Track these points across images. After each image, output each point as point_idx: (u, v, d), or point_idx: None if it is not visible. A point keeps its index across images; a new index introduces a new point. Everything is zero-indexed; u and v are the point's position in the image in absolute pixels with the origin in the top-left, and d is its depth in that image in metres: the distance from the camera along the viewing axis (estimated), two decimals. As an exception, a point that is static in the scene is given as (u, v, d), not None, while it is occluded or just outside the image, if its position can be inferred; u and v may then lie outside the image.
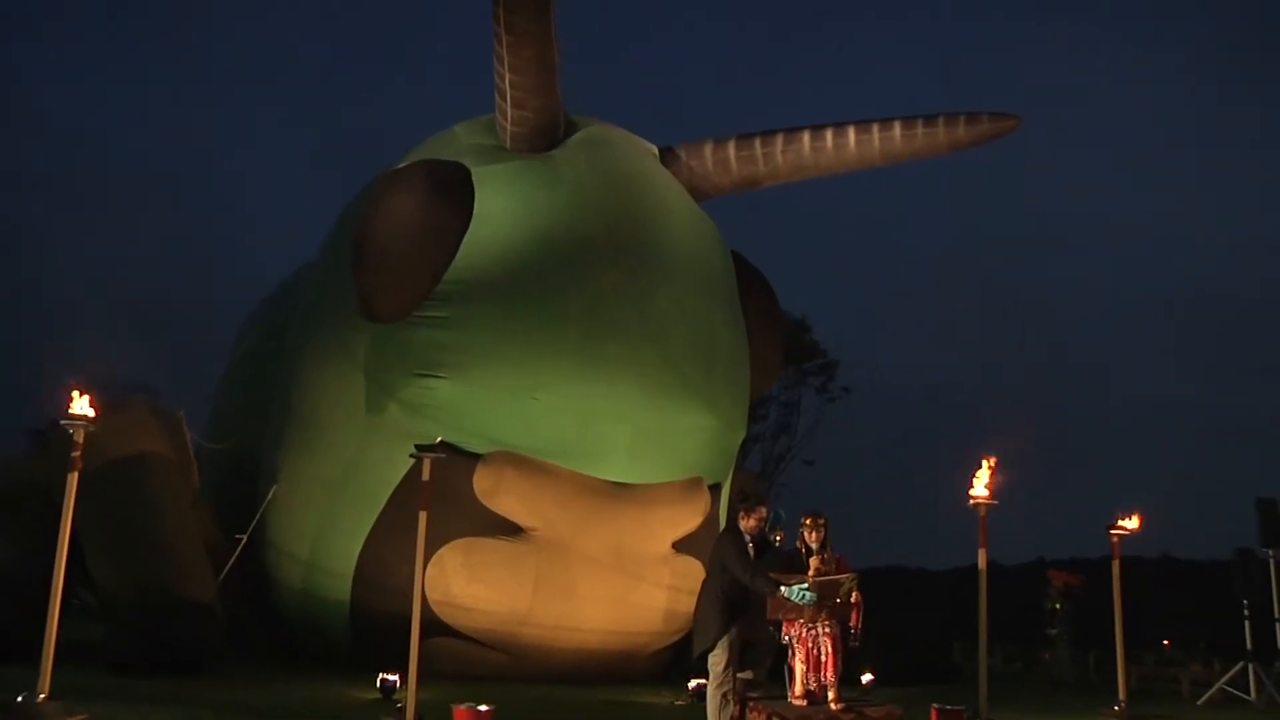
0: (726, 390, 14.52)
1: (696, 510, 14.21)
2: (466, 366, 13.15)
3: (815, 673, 7.94)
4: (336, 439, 14.02)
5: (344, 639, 14.04)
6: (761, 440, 32.21)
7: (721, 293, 14.97)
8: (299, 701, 10.46)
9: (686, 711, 11.14)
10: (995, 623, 11.25)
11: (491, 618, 13.38)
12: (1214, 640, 21.23)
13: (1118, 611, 12.59)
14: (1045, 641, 18.50)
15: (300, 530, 14.27)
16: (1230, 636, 16.47)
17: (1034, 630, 19.27)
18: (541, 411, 13.14)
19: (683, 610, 13.01)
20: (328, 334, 14.42)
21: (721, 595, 8.12)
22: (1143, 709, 12.32)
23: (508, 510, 13.29)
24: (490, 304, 13.27)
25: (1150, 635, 23.65)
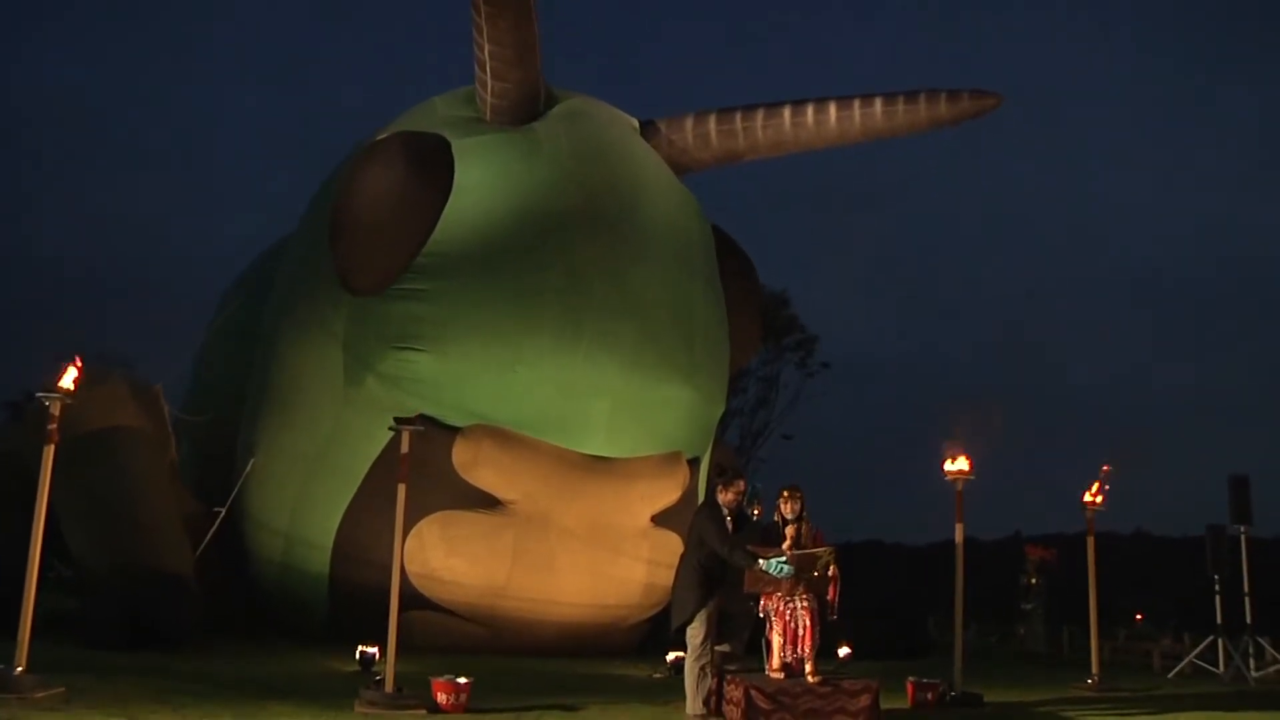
0: (706, 364, 14.56)
1: (675, 484, 14.27)
2: (445, 340, 13.15)
3: (792, 646, 8.00)
4: (315, 412, 14.01)
5: (322, 612, 14.07)
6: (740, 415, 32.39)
7: (701, 267, 14.99)
8: (277, 674, 10.49)
9: (664, 684, 11.21)
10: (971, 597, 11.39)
11: (470, 591, 13.43)
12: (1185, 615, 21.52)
13: (1092, 586, 12.74)
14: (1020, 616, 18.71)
15: (279, 503, 14.26)
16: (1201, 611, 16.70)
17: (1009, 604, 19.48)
18: (520, 385, 13.15)
19: (661, 583, 13.08)
20: (306, 307, 14.37)
21: (699, 568, 8.17)
22: (1115, 682, 12.45)
23: (486, 483, 13.32)
24: (469, 277, 13.26)
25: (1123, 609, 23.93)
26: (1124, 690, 11.89)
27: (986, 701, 9.97)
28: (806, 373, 33.43)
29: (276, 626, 14.47)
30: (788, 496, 8.30)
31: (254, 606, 15.12)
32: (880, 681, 8.24)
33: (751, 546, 8.08)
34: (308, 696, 8.92)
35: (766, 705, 7.72)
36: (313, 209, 15.39)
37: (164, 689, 8.68)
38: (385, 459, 12.88)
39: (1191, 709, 10.07)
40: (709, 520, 8.24)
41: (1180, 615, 23.10)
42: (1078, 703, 10.52)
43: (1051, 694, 11.25)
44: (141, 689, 8.60)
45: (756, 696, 7.73)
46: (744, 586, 8.09)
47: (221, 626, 13.43)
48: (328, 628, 13.79)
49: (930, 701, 9.68)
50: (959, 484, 10.52)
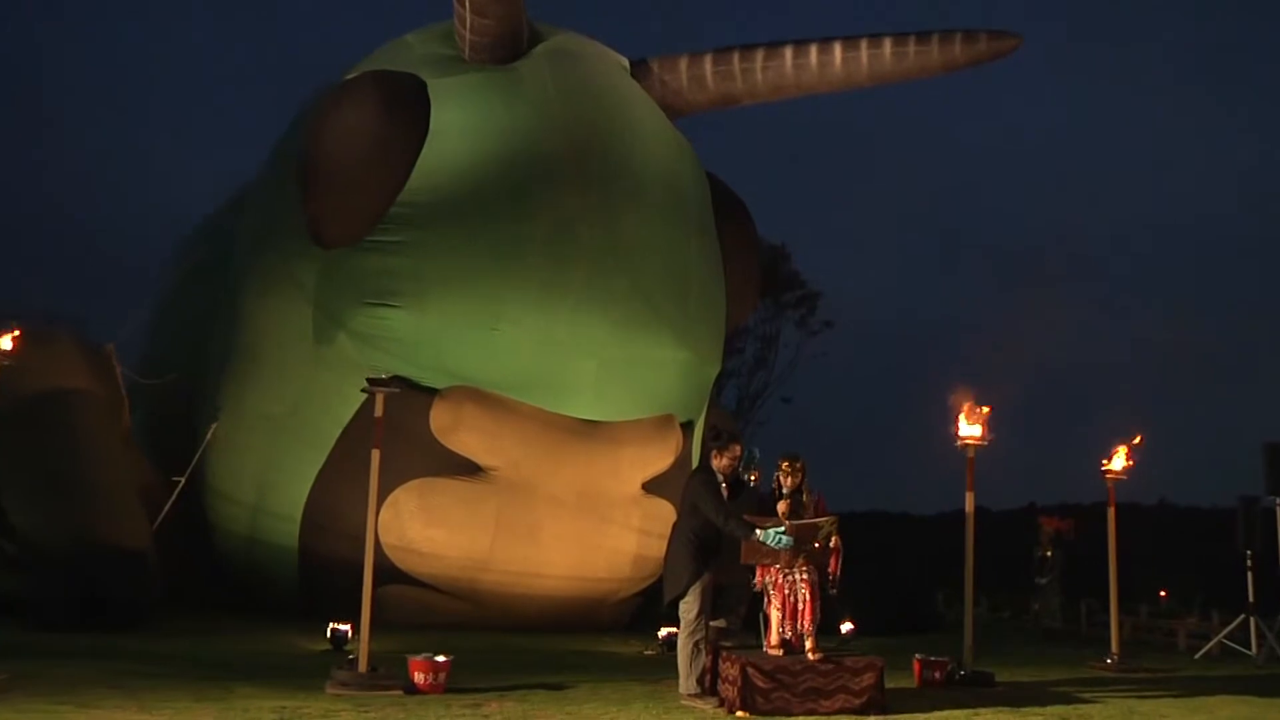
0: (700, 322, 14.59)
1: (667, 449, 14.35)
2: (422, 295, 13.15)
3: (792, 621, 8.06)
4: (282, 373, 14.02)
5: (292, 587, 14.15)
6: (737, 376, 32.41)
7: (696, 218, 14.98)
8: (242, 654, 10.52)
9: (656, 661, 11.31)
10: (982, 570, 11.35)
11: (449, 563, 13.52)
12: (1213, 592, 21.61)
13: (1112, 559, 12.72)
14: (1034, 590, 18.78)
15: (243, 472, 14.30)
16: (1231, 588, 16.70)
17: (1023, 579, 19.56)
18: (503, 343, 13.18)
19: (652, 555, 13.18)
20: (272, 260, 14.35)
21: (693, 539, 8.21)
22: (1136, 662, 12.40)
23: (466, 449, 13.38)
24: (448, 228, 13.24)
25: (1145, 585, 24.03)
26: (1146, 671, 11.88)
27: (998, 681, 10.01)
28: (808, 331, 33.42)
29: (242, 603, 14.52)
30: (787, 469, 8.32)
31: (217, 582, 15.19)
32: (885, 659, 8.31)
33: (748, 515, 8.12)
34: (275, 677, 8.96)
35: (764, 684, 7.78)
36: (277, 154, 15.31)
37: (118, 672, 8.69)
38: (358, 423, 12.93)
39: (1221, 692, 10.02)
40: (703, 487, 8.28)
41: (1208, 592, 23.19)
42: (1096, 683, 10.52)
43: (1068, 673, 11.29)
44: (93, 673, 8.58)
45: (754, 675, 7.79)
46: (740, 558, 8.13)
47: (181, 604, 13.48)
48: (297, 604, 13.86)
49: (938, 680, 9.74)
50: (970, 450, 10.45)
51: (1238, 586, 15.43)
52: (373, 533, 9.01)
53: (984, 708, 8.35)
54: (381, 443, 9.04)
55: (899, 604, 16.51)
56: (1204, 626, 17.24)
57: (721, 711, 7.90)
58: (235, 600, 14.68)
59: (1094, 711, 8.48)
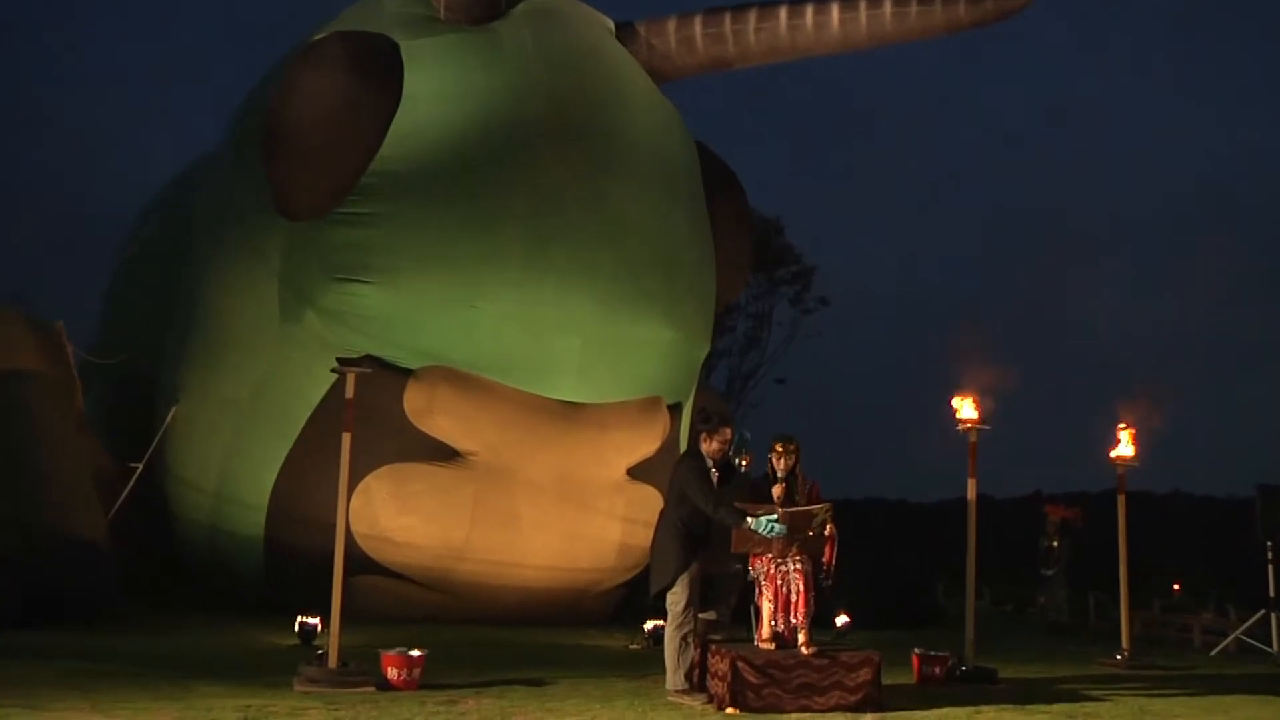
0: (689, 299, 14.61)
1: (654, 432, 14.40)
2: (395, 270, 13.14)
3: (784, 613, 8.08)
4: (247, 353, 14.00)
5: (257, 579, 14.16)
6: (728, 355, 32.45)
7: (684, 189, 14.98)
8: (205, 650, 10.51)
9: (642, 656, 11.35)
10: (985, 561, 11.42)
11: (424, 553, 13.55)
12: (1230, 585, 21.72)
13: (1122, 550, 12.76)
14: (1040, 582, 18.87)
15: (206, 457, 14.29)
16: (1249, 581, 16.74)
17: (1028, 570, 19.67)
18: (480, 322, 13.18)
19: (638, 544, 13.22)
20: (235, 233, 14.31)
21: (681, 527, 8.24)
22: (1148, 659, 12.48)
23: (442, 432, 13.40)
24: (422, 199, 13.22)
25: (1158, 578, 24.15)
26: (1158, 668, 11.92)
27: (1001, 678, 10.05)
28: (802, 309, 33.44)
29: (204, 597, 14.54)
30: (781, 451, 8.36)
31: (178, 575, 15.20)
32: (882, 654, 8.33)
33: (739, 502, 8.14)
34: (240, 675, 8.95)
35: (755, 679, 7.80)
36: (239, 121, 15.25)
37: (72, 672, 8.65)
38: (327, 405, 12.94)
39: (1238, 691, 9.99)
40: (691, 473, 8.30)
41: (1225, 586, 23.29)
42: (1105, 680, 10.54)
43: (1075, 670, 11.33)
44: (45, 673, 8.53)
45: (744, 669, 7.81)
46: (731, 547, 8.16)
47: (140, 598, 13.47)
48: (263, 596, 13.86)
49: (938, 676, 9.78)
50: (972, 434, 10.49)
51: (1256, 579, 15.44)
52: (343, 521, 9.00)
53: (986, 705, 8.36)
54: (353, 426, 9.03)
55: (897, 596, 16.60)
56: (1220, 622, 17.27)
57: (710, 708, 7.91)
58: (197, 593, 14.69)
59: (1103, 710, 8.49)
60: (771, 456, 8.41)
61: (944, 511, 35.68)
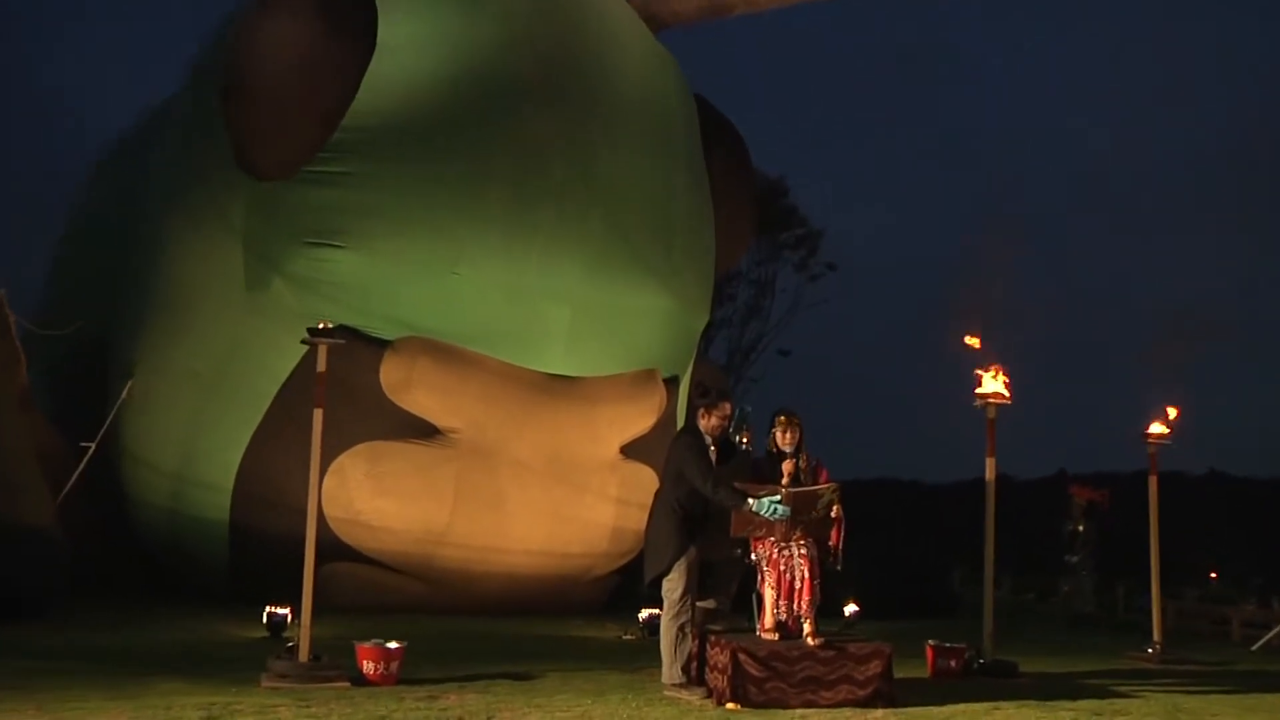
0: (686, 265, 14.63)
1: (649, 408, 14.45)
2: (370, 234, 13.15)
3: (788, 602, 8.10)
4: (209, 323, 13.99)
5: (221, 567, 14.20)
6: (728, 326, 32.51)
7: (682, 146, 14.97)
8: (165, 644, 10.50)
9: (636, 647, 11.41)
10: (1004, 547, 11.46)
11: (402, 537, 13.61)
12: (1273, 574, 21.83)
13: (1153, 536, 12.71)
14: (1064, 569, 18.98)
15: (165, 436, 14.30)
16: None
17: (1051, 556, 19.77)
18: (462, 289, 13.21)
19: (631, 527, 13.29)
20: (195, 194, 14.28)
21: (678, 509, 8.27)
22: (1182, 653, 12.40)
23: (422, 408, 13.44)
24: (398, 157, 13.21)
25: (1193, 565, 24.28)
26: (1194, 663, 11.87)
27: (1022, 671, 10.07)
28: (808, 276, 33.50)
29: (164, 586, 14.58)
30: (784, 424, 8.39)
31: (134, 563, 15.21)
32: (893, 646, 8.34)
33: (739, 482, 8.18)
34: (203, 670, 8.96)
35: (758, 672, 7.82)
36: (198, 70, 15.20)
37: (20, 670, 8.60)
38: (297, 379, 12.95)
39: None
40: (689, 451, 8.33)
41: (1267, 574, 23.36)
42: (1134, 676, 10.53)
43: (1102, 664, 11.33)
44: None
45: (746, 662, 7.83)
46: (731, 530, 8.19)
47: (94, 589, 13.50)
48: (228, 586, 13.94)
49: (954, 670, 9.81)
50: (991, 410, 10.48)
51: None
52: (315, 504, 9.03)
53: (1006, 701, 8.35)
54: (324, 401, 9.06)
55: (910, 583, 16.69)
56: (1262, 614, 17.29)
57: (709, 703, 7.94)
58: (156, 582, 14.72)
59: (1132, 708, 8.45)
60: (774, 431, 8.43)
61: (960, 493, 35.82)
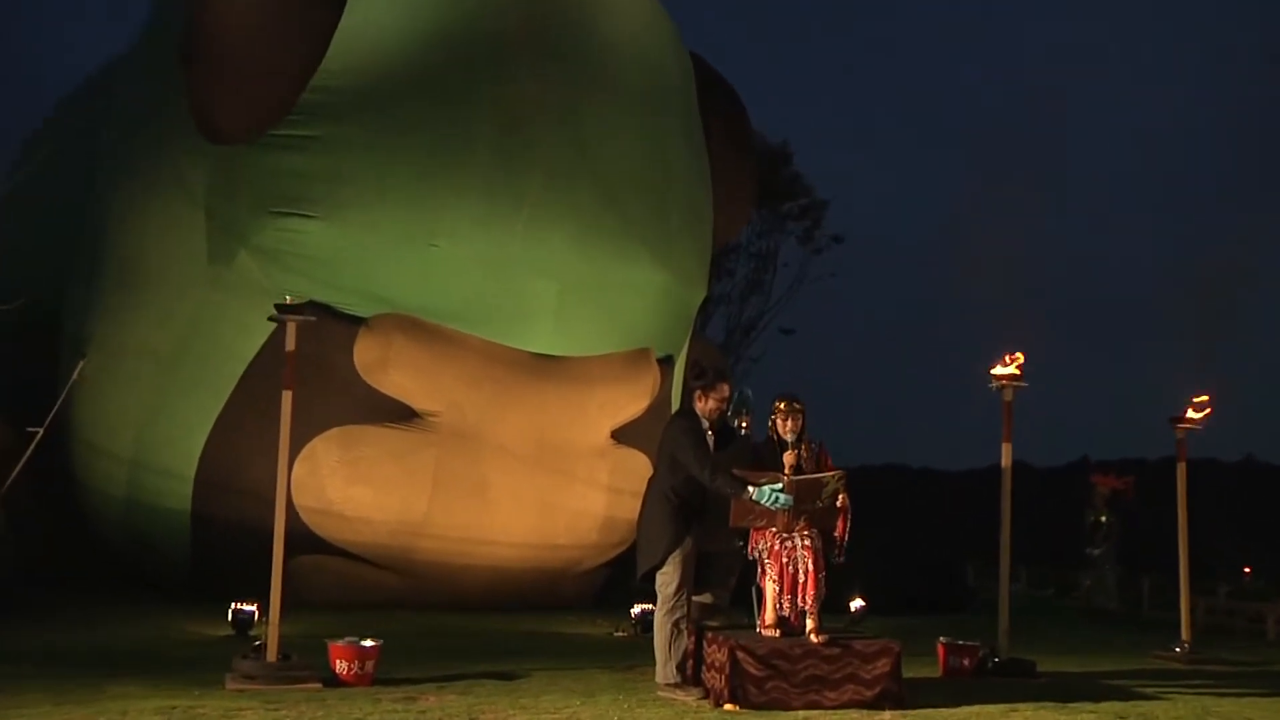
0: (682, 236, 14.63)
1: (642, 390, 14.49)
2: (342, 202, 13.14)
3: (791, 596, 8.10)
4: (169, 299, 13.98)
5: (183, 560, 14.22)
6: (726, 302, 32.44)
7: (677, 110, 14.96)
8: (124, 643, 10.50)
9: (628, 645, 11.45)
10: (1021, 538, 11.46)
11: (378, 528, 13.64)
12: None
13: (1182, 528, 12.64)
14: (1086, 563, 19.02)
15: (121, 419, 14.29)
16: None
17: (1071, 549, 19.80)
18: (442, 263, 13.21)
19: (623, 517, 13.30)
20: (152, 158, 14.26)
21: (673, 497, 8.27)
22: (1213, 652, 12.40)
23: (399, 390, 13.45)
24: (372, 121, 13.20)
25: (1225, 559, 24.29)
26: (1225, 663, 11.86)
27: (1040, 671, 10.09)
28: (813, 249, 33.43)
29: (120, 581, 14.56)
30: (785, 410, 8.39)
31: (88, 557, 15.17)
32: (902, 643, 8.36)
33: (738, 469, 8.19)
34: (163, 671, 8.96)
35: (758, 671, 7.83)
36: (156, 24, 15.16)
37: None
38: (264, 359, 12.97)
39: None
40: (684, 435, 8.32)
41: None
42: (1161, 676, 10.53)
43: (1126, 664, 11.35)
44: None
45: (745, 660, 7.84)
46: (729, 521, 8.21)
47: (44, 585, 13.49)
48: (191, 581, 13.98)
49: (967, 669, 9.84)
50: (1008, 392, 10.46)
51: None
52: (283, 493, 9.04)
53: (1023, 703, 8.35)
54: (294, 383, 9.06)
55: (920, 577, 16.76)
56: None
57: (706, 704, 7.97)
58: (111, 577, 14.68)
59: (1159, 711, 8.42)
60: (774, 418, 8.44)
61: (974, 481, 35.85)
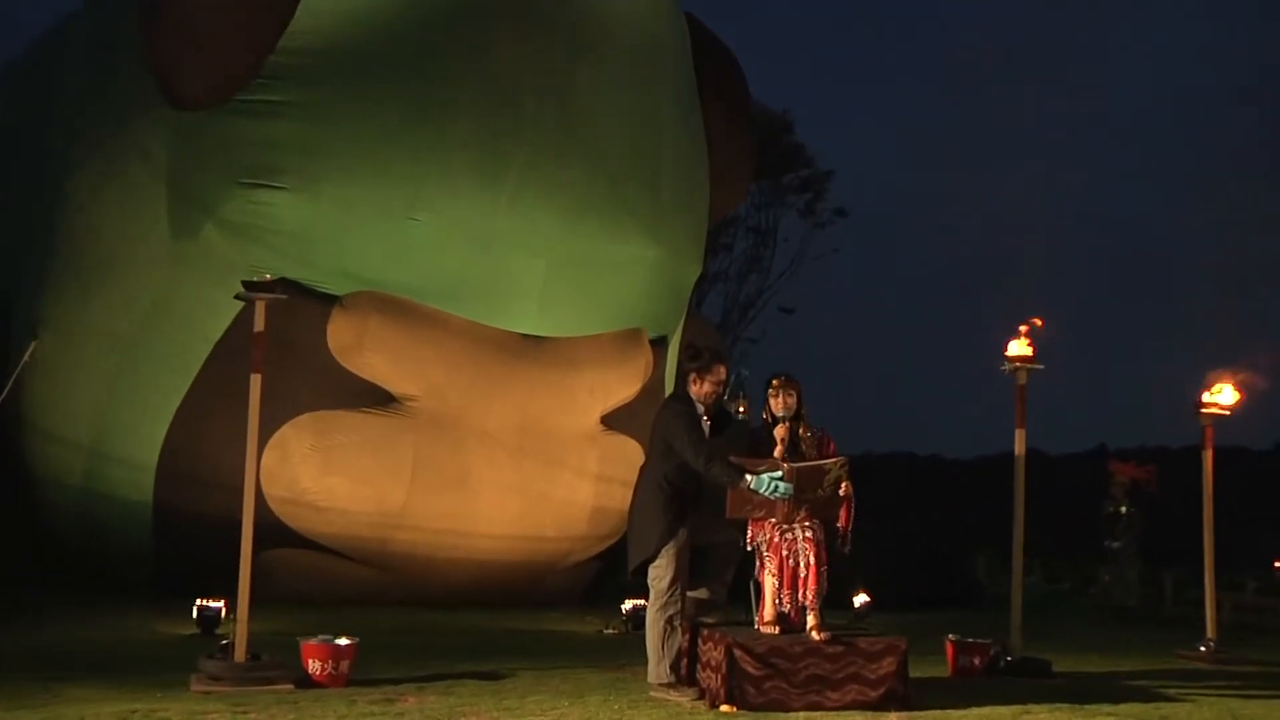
0: (676, 210, 14.64)
1: (634, 372, 14.53)
2: (314, 173, 13.13)
3: (791, 591, 8.13)
4: (128, 276, 13.93)
5: (145, 554, 14.21)
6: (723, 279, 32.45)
7: (672, 76, 14.95)
8: (82, 644, 10.46)
9: (619, 643, 11.49)
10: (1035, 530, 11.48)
11: (353, 520, 13.65)
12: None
13: (1207, 519, 12.65)
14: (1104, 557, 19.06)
15: (77, 405, 14.24)
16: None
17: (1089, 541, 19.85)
18: (422, 238, 13.22)
19: (614, 507, 13.34)
20: (109, 127, 14.21)
21: (666, 486, 8.29)
22: (1240, 651, 12.41)
23: (375, 373, 13.46)
24: (347, 85, 13.19)
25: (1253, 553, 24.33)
26: (1252, 663, 11.84)
27: (1056, 671, 10.13)
28: (815, 223, 33.45)
29: (78, 577, 14.51)
30: (779, 387, 8.39)
31: (43, 551, 15.14)
32: (909, 640, 8.38)
33: (736, 456, 8.20)
34: (123, 673, 8.93)
35: (756, 670, 7.84)
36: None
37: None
38: (231, 340, 12.95)
39: None
40: (678, 420, 8.33)
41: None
42: (1185, 677, 10.52)
43: (1147, 663, 11.37)
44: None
45: (743, 659, 7.85)
46: (726, 511, 8.21)
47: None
48: (154, 576, 14.00)
49: (977, 668, 9.88)
50: (1021, 375, 10.48)
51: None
52: (252, 482, 9.04)
53: (1036, 704, 8.36)
54: (263, 365, 9.06)
55: (928, 570, 16.76)
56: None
57: (701, 705, 7.99)
58: (68, 573, 14.64)
59: (1182, 713, 8.45)
60: (768, 396, 8.44)
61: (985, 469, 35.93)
